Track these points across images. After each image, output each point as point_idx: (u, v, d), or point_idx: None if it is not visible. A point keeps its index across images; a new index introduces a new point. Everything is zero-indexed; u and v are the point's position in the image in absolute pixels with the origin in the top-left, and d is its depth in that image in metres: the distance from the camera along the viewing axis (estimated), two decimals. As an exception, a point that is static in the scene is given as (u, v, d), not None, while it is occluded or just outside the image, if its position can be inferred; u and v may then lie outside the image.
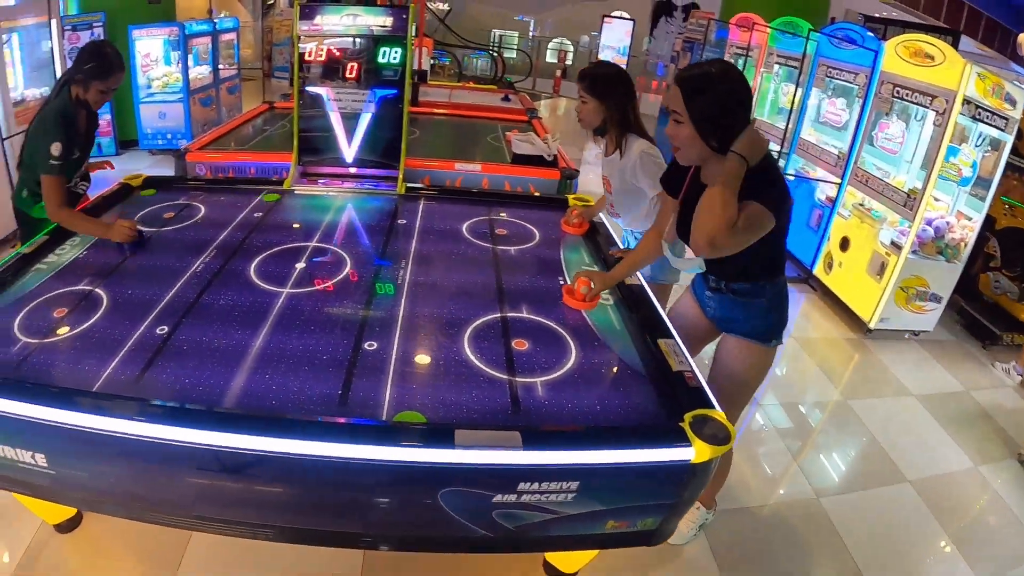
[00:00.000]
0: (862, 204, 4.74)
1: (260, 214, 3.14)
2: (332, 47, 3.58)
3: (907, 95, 4.33)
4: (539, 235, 3.07)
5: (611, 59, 12.93)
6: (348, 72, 3.61)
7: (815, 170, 5.38)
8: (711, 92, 1.94)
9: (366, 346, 2.10)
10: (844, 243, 4.84)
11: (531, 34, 18.34)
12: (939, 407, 3.83)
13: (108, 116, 7.18)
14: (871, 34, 4.82)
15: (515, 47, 17.55)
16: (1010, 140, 3.98)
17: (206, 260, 2.63)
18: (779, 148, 5.52)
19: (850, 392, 3.94)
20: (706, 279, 2.32)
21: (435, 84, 8.44)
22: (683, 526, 2.61)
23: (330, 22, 3.53)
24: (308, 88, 3.64)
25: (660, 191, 2.75)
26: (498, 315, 2.33)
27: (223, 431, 1.61)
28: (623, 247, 2.94)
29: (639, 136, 2.84)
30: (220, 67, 8.36)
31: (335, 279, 2.56)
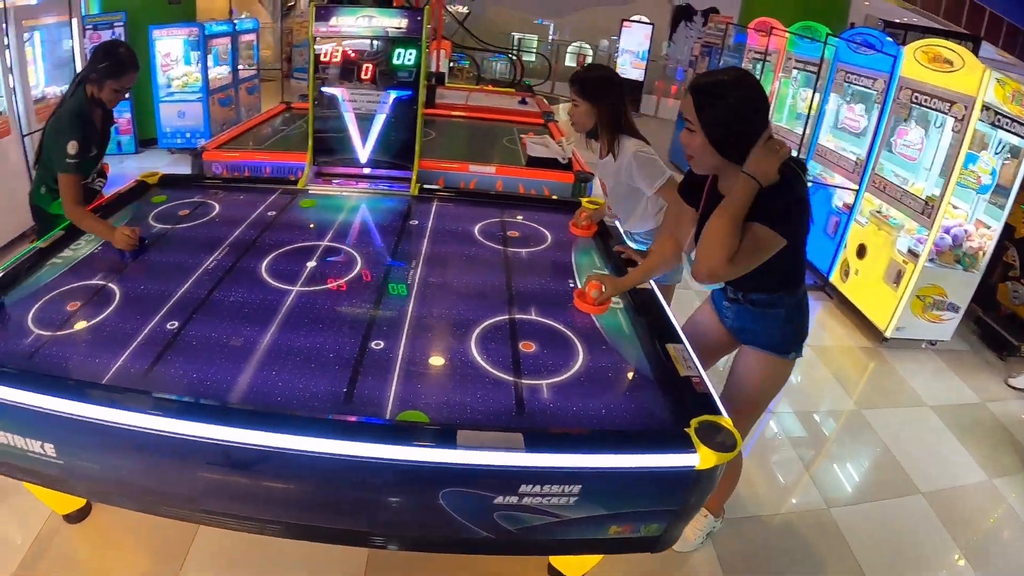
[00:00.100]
0: (879, 211, 4.69)
1: (274, 213, 3.16)
2: (347, 48, 3.60)
3: (925, 101, 4.28)
4: (551, 238, 3.07)
5: (630, 63, 12.90)
6: (363, 73, 3.63)
7: (833, 176, 5.33)
8: (723, 100, 1.89)
9: (373, 345, 2.11)
10: (861, 250, 4.79)
11: (551, 38, 18.34)
12: (954, 418, 3.78)
13: (128, 115, 7.29)
14: (890, 39, 4.77)
15: (534, 51, 17.55)
16: (1031, 148, 3.93)
17: (218, 257, 2.65)
18: (795, 154, 5.48)
19: (864, 401, 3.89)
20: (724, 289, 2.29)
21: (453, 86, 8.46)
22: (690, 534, 2.60)
23: (345, 23, 3.55)
24: (323, 89, 3.66)
25: (658, 188, 2.74)
26: (506, 317, 2.33)
27: (225, 425, 1.63)
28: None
29: (631, 136, 2.83)
30: (239, 67, 8.44)
31: (346, 278, 2.57)
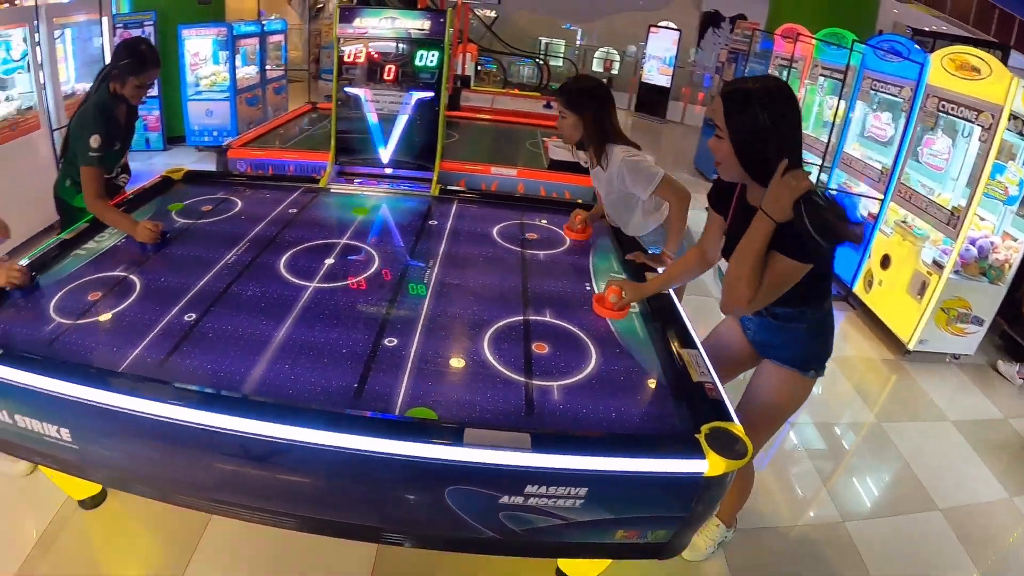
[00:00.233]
0: (904, 221, 4.62)
1: (295, 210, 3.20)
2: (371, 49, 3.64)
3: (952, 109, 4.21)
4: (569, 241, 3.07)
5: (656, 70, 12.86)
6: (386, 74, 3.66)
7: (858, 185, 5.26)
8: (753, 109, 1.82)
9: (386, 342, 2.12)
10: (885, 261, 4.72)
11: (578, 43, 18.35)
12: (976, 434, 3.70)
13: (157, 112, 7.41)
14: (918, 47, 4.70)
15: (561, 55, 17.57)
16: (1061, 160, 3.85)
17: (238, 252, 2.69)
18: (821, 161, 5.42)
19: (885, 415, 3.83)
20: None
21: (478, 90, 8.51)
22: (701, 543, 2.57)
23: (369, 25, 3.58)
24: (346, 89, 3.70)
25: (654, 189, 2.70)
26: (521, 318, 2.33)
27: (236, 416, 1.65)
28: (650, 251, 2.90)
29: (618, 143, 2.79)
30: (267, 68, 8.55)
31: (363, 276, 2.59)
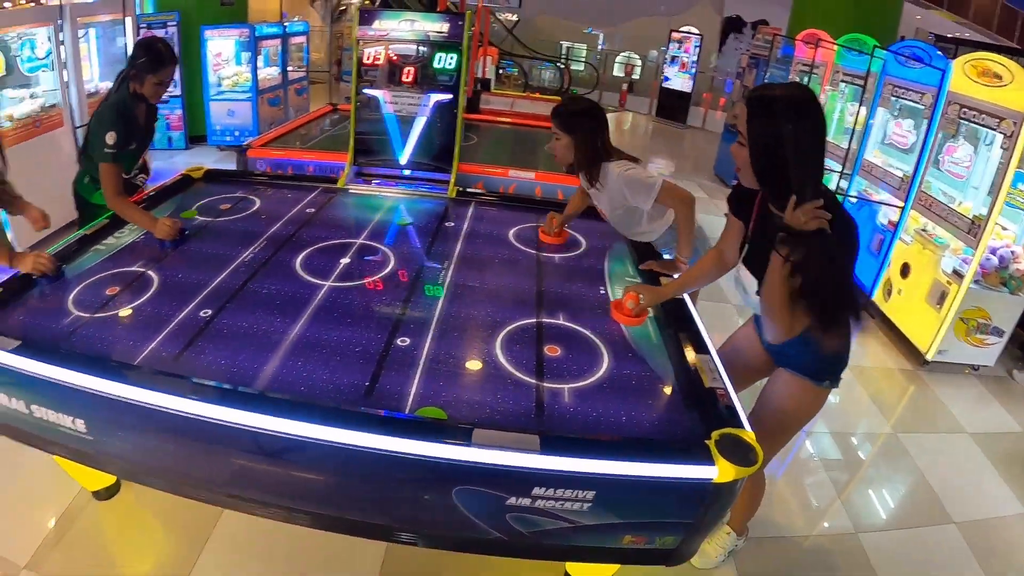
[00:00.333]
0: (925, 229, 4.56)
1: (313, 210, 3.23)
2: (390, 52, 3.66)
3: (974, 117, 4.15)
4: (585, 244, 3.07)
5: (675, 72, 12.82)
6: (404, 76, 3.69)
7: (878, 192, 5.21)
8: (773, 117, 1.74)
9: (399, 341, 2.14)
10: (904, 269, 4.66)
11: (600, 47, 18.34)
12: (993, 447, 3.64)
13: (179, 111, 7.50)
14: (939, 53, 4.64)
15: (583, 59, 17.57)
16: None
17: (255, 250, 2.72)
18: (841, 168, 5.38)
19: (901, 425, 3.78)
20: None
21: (498, 93, 8.53)
22: (711, 550, 2.55)
23: (388, 27, 3.61)
24: (365, 91, 3.73)
25: (655, 198, 2.65)
26: (534, 320, 2.34)
27: (246, 410, 1.68)
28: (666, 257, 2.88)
29: (610, 160, 2.75)
30: (289, 69, 8.63)
31: (379, 276, 2.60)
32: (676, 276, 2.61)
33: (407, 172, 3.81)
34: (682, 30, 12.93)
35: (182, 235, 2.78)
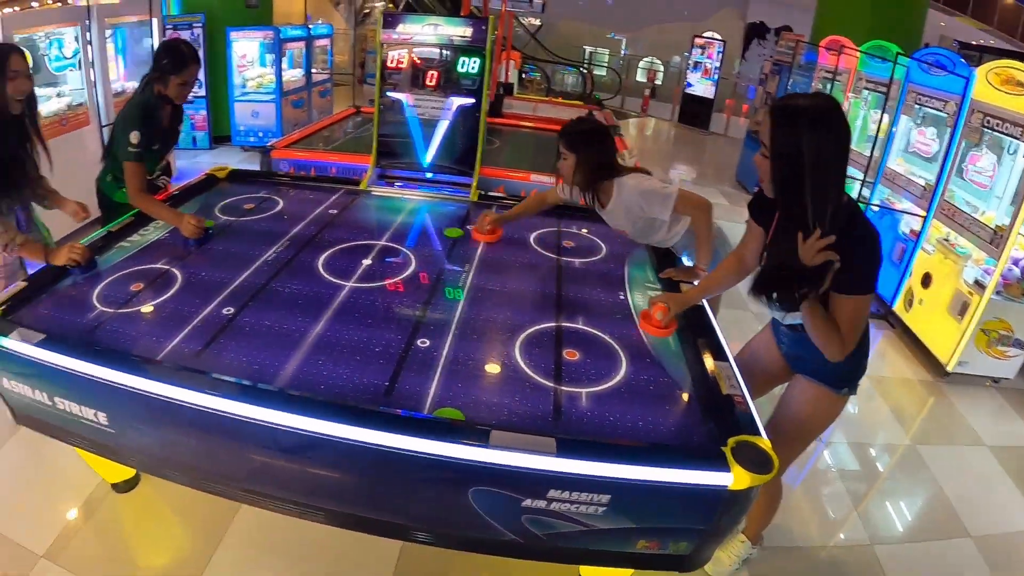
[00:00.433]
0: (947, 239, 4.52)
1: (335, 211, 3.27)
2: (413, 55, 3.70)
3: (997, 125, 4.11)
4: (606, 249, 3.07)
5: (698, 78, 12.78)
6: (428, 80, 3.72)
7: (900, 201, 5.16)
8: (797, 128, 1.72)
9: (419, 343, 2.16)
10: (926, 279, 4.62)
11: (623, 52, 18.32)
12: (1013, 460, 3.59)
13: (204, 112, 7.61)
14: (963, 60, 4.59)
15: (605, 64, 17.57)
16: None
17: (278, 250, 2.76)
18: (863, 176, 5.34)
19: (920, 437, 3.75)
20: (784, 316, 2.22)
21: (521, 97, 8.56)
22: (725, 558, 2.55)
23: (412, 31, 3.65)
24: (389, 94, 3.77)
25: (673, 206, 2.64)
26: (553, 324, 2.35)
27: (266, 407, 1.71)
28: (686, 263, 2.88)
29: (622, 175, 2.73)
30: (313, 71, 8.71)
31: (400, 277, 2.63)
32: (696, 283, 2.62)
33: (429, 175, 3.85)
34: (705, 35, 12.90)
35: (206, 233, 2.83)
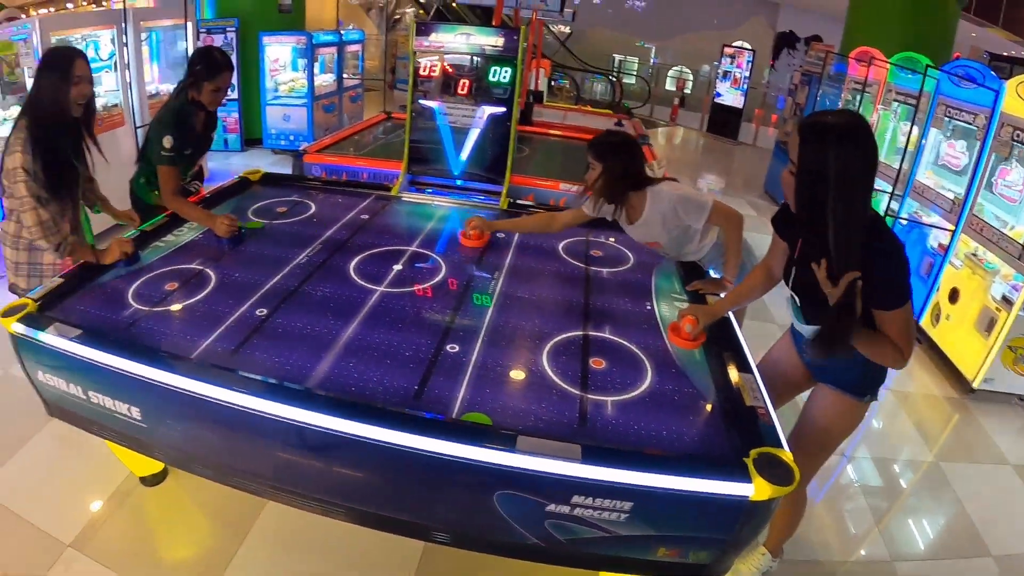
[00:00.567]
0: (975, 254, 4.48)
1: (367, 216, 3.33)
2: (445, 63, 3.76)
3: (1026, 139, 4.07)
4: (633, 259, 3.10)
5: (727, 87, 12.74)
6: (460, 88, 3.78)
7: (929, 215, 5.12)
8: (824, 144, 1.73)
9: (448, 348, 2.21)
10: (953, 294, 4.58)
11: (652, 61, 18.29)
12: (1040, 480, 3.56)
13: (236, 115, 7.76)
14: (994, 73, 4.55)
15: (634, 73, 17.54)
16: None
17: (310, 254, 2.83)
18: (891, 189, 5.30)
19: (943, 454, 3.72)
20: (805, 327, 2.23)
21: (551, 105, 8.60)
22: (745, 570, 2.56)
23: (445, 40, 3.71)
24: (421, 101, 3.83)
25: (705, 218, 2.65)
26: (580, 333, 2.38)
27: (298, 407, 1.77)
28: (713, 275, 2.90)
29: (653, 184, 2.72)
30: (344, 76, 8.83)
31: (430, 283, 2.68)
32: (723, 295, 2.64)
33: (460, 182, 3.90)
34: (735, 45, 12.85)
35: (239, 232, 2.90)
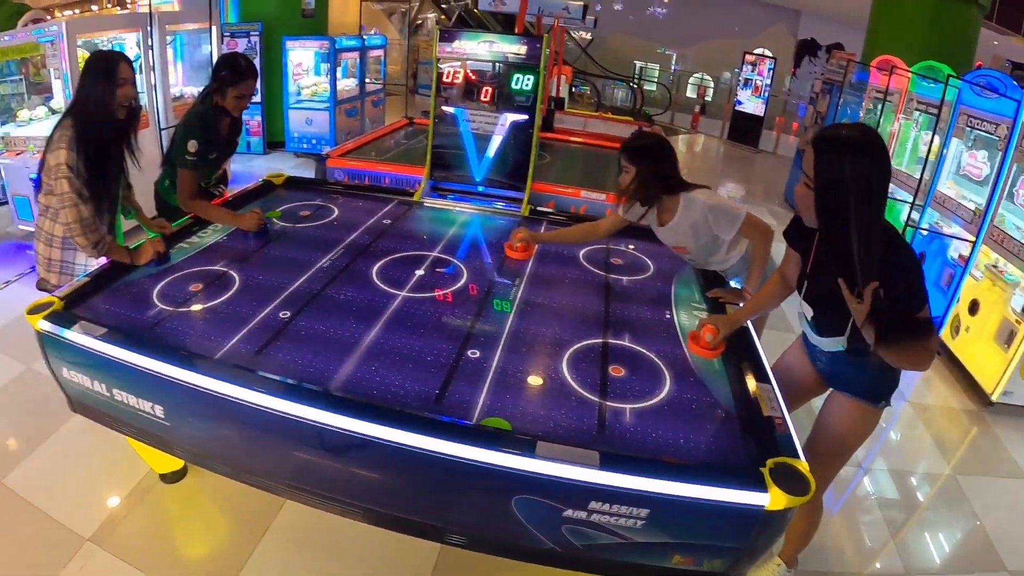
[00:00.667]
0: (995, 265, 4.44)
1: (389, 221, 3.38)
2: (469, 70, 3.80)
3: (1049, 151, 4.04)
4: (653, 267, 3.11)
5: (748, 95, 12.69)
6: (482, 95, 3.83)
7: (950, 226, 5.09)
8: (840, 157, 1.77)
9: (469, 353, 2.24)
10: (973, 306, 4.54)
11: (673, 68, 18.25)
12: (1057, 496, 3.53)
13: (259, 118, 7.85)
14: (1016, 83, 4.51)
15: (655, 80, 17.51)
16: None
17: (333, 257, 2.87)
18: (912, 199, 5.28)
19: (961, 467, 3.70)
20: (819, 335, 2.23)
21: (572, 112, 8.61)
22: (760, 579, 2.57)
23: (467, 47, 3.75)
24: (444, 107, 3.88)
25: (736, 229, 2.65)
26: (600, 340, 2.41)
27: (320, 408, 1.81)
28: (734, 285, 2.91)
29: (688, 189, 2.72)
30: (366, 81, 8.91)
31: (452, 289, 2.72)
32: (742, 304, 2.65)
33: (481, 189, 3.94)
34: (756, 52, 12.81)
35: (266, 227, 2.95)
